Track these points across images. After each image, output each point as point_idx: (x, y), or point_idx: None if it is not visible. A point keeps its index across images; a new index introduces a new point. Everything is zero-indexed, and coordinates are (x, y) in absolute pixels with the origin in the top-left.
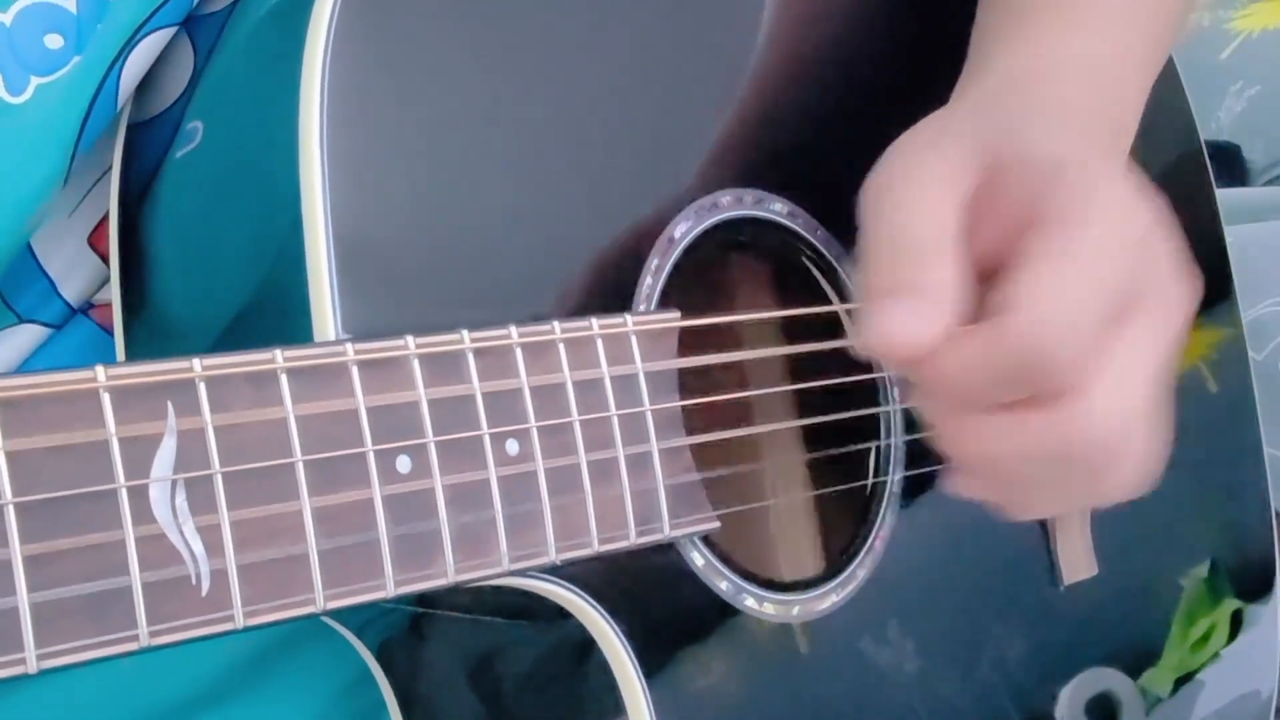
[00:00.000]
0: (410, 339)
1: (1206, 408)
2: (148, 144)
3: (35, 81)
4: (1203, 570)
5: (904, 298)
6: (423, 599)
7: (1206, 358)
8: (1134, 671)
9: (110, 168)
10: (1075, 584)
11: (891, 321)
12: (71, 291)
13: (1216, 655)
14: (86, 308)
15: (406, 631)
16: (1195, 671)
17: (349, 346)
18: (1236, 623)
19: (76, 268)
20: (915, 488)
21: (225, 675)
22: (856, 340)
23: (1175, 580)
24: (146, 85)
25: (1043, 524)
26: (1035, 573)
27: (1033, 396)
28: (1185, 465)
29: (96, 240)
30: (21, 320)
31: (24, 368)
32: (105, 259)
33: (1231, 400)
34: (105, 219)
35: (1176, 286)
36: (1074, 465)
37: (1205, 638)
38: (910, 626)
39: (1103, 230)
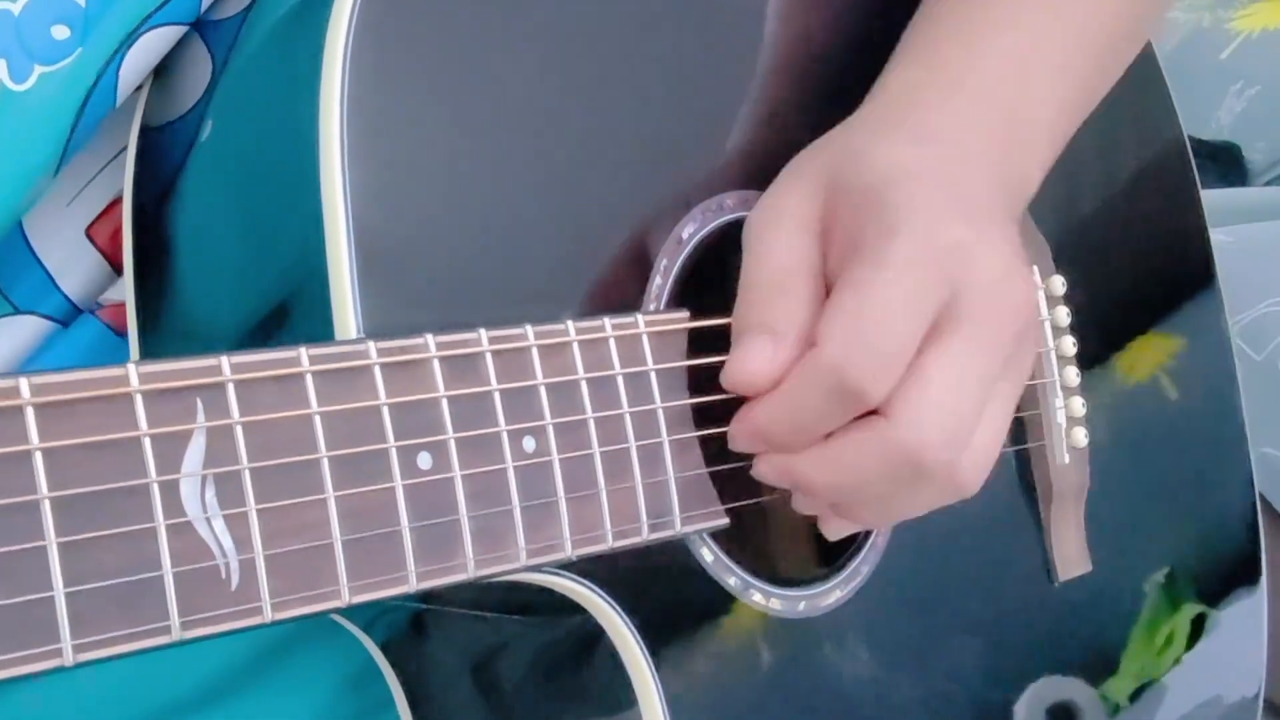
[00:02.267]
0: (430, 338)
1: (1169, 415)
2: (167, 148)
3: (39, 70)
4: (1160, 576)
5: (760, 337)
6: (429, 596)
7: (1164, 365)
8: (1095, 679)
9: (112, 159)
10: (1060, 585)
11: (740, 360)
12: (72, 286)
13: (1178, 661)
14: (95, 308)
15: (412, 627)
16: (1157, 678)
17: (371, 345)
18: (1199, 628)
19: (75, 260)
20: None
21: (231, 671)
22: (722, 380)
23: (1140, 587)
24: (163, 89)
25: (1039, 523)
26: (1030, 571)
27: (856, 419)
28: (1150, 473)
29: (95, 232)
30: (19, 311)
31: (29, 364)
32: (105, 252)
33: (1203, 404)
34: (106, 212)
35: (1004, 293)
36: (902, 472)
37: (1166, 644)
38: (910, 624)
39: (906, 250)
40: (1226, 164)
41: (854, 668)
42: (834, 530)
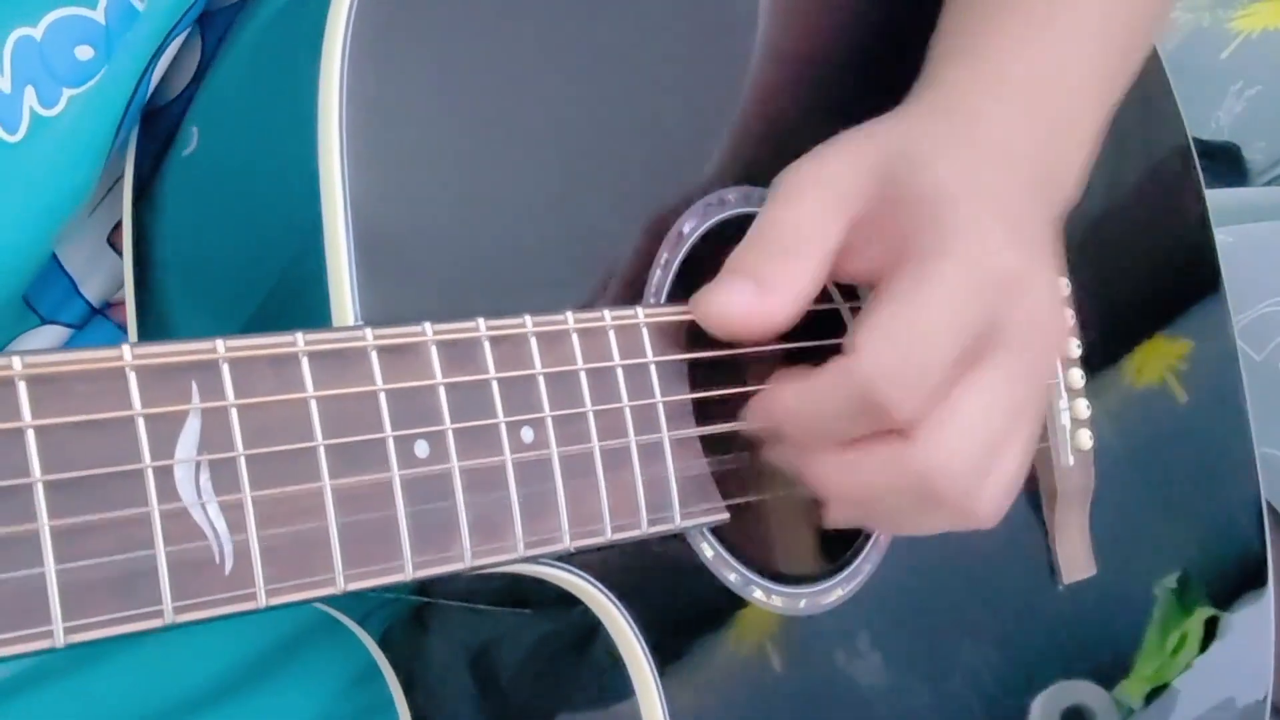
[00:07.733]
0: (428, 325)
1: (1177, 418)
2: (149, 135)
3: (67, 94)
4: (1172, 580)
5: (748, 282)
6: (426, 588)
7: (1174, 368)
8: (1108, 683)
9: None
10: (1067, 589)
11: (727, 300)
12: (92, 291)
13: (1189, 665)
14: (105, 307)
15: (409, 620)
16: (1169, 682)
17: (368, 332)
18: (1211, 631)
19: (96, 266)
20: None
21: (233, 671)
22: (691, 306)
23: (1150, 590)
24: None
25: (1043, 524)
26: (1034, 572)
27: (878, 432)
28: (1159, 476)
29: (116, 239)
30: (44, 322)
31: None
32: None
33: (1211, 407)
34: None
35: (1044, 328)
36: (918, 495)
37: (1177, 648)
38: (912, 624)
39: (956, 273)
40: (1226, 164)
41: (855, 666)
42: (833, 521)
